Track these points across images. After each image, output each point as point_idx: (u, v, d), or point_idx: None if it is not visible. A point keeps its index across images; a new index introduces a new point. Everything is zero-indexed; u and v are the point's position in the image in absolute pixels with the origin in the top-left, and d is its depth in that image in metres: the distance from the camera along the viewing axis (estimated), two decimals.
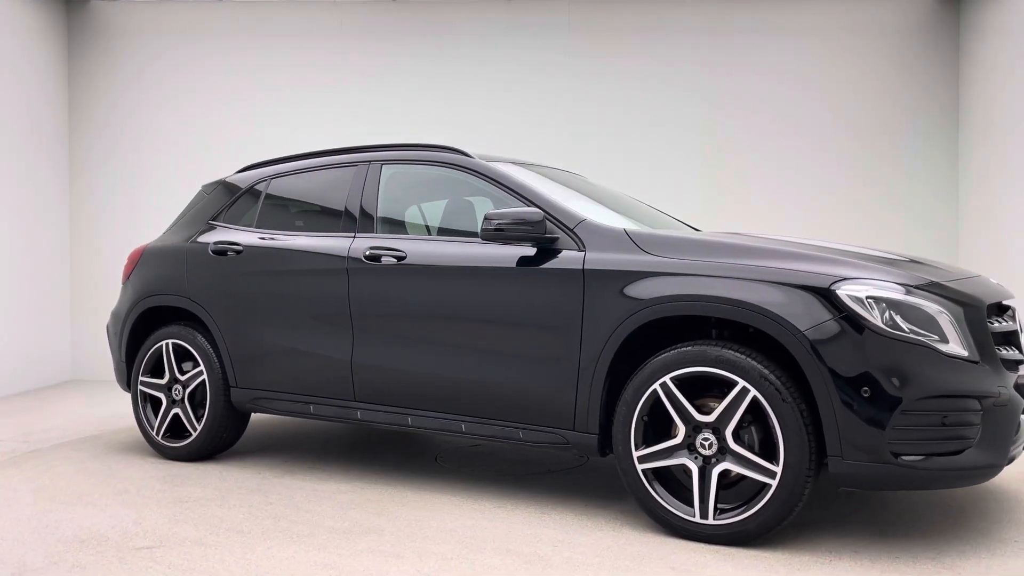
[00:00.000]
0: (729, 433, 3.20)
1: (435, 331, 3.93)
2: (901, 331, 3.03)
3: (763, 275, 3.21)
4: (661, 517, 3.35)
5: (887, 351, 3.01)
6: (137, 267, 5.06)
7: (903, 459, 2.98)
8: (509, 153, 5.21)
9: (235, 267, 4.58)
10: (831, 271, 3.15)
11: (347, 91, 8.06)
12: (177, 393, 4.77)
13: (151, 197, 8.06)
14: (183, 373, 4.76)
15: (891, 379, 2.98)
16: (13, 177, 7.39)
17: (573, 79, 7.98)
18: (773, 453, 3.12)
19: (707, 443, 3.23)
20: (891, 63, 7.85)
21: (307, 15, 8.07)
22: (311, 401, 4.33)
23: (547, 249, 3.67)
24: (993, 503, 3.83)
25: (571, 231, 3.67)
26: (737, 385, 3.17)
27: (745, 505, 3.19)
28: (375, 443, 5.21)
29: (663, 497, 3.33)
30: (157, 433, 4.81)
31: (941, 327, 3.08)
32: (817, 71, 7.91)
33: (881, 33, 7.86)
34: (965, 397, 3.05)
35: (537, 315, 3.64)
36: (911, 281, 3.17)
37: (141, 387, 4.90)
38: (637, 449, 3.37)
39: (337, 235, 4.31)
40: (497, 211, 3.68)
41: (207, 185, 5.19)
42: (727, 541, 3.22)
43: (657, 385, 3.32)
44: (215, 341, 4.63)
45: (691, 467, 3.26)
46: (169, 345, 4.79)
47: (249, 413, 4.76)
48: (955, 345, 3.08)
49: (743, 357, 3.17)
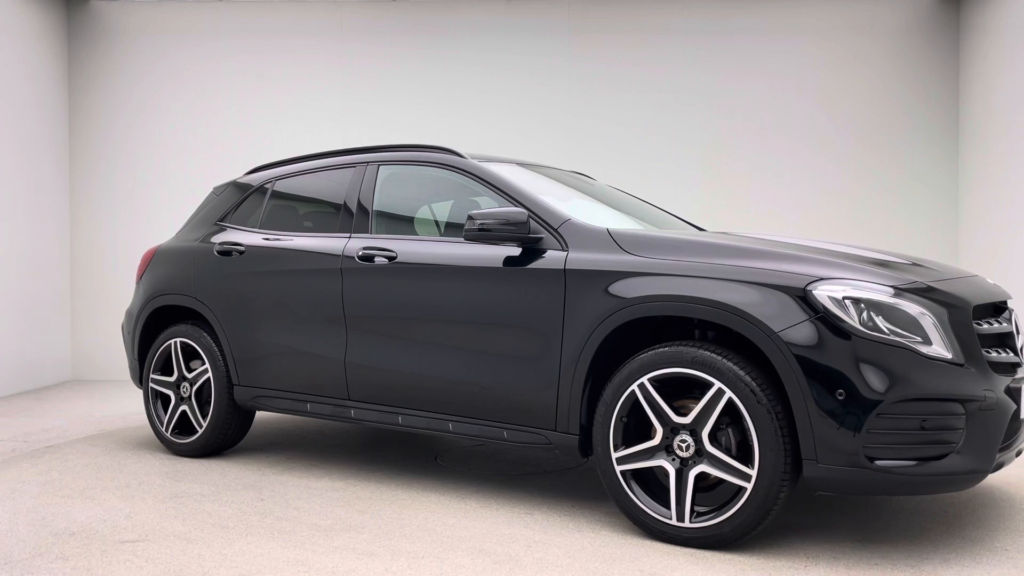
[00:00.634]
0: (705, 435, 3.16)
1: (423, 331, 3.96)
2: (880, 332, 2.96)
3: (740, 275, 3.17)
4: (639, 519, 3.32)
5: (864, 353, 2.94)
6: (149, 267, 5.18)
7: (878, 463, 2.91)
8: (508, 153, 5.22)
9: (238, 267, 4.67)
10: (808, 271, 3.10)
11: (347, 91, 8.10)
12: (185, 391, 4.87)
13: (151, 197, 8.13)
14: (191, 371, 4.86)
15: (867, 381, 2.91)
16: (13, 177, 7.40)
17: (573, 79, 8.01)
18: (749, 456, 3.07)
19: (684, 445, 3.19)
20: (891, 63, 7.85)
21: (307, 15, 8.14)
22: (308, 400, 4.39)
23: (532, 249, 3.67)
24: (993, 509, 3.72)
25: (555, 231, 3.66)
26: (713, 386, 3.13)
27: (721, 508, 3.15)
28: (378, 442, 5.26)
29: (641, 499, 3.30)
30: (166, 429, 4.92)
31: (924, 328, 3.00)
32: (817, 71, 7.94)
33: (881, 33, 7.86)
34: (947, 400, 2.97)
35: (520, 315, 3.63)
36: (893, 282, 3.09)
37: (152, 384, 5.02)
38: (616, 450, 3.35)
39: (334, 236, 4.37)
40: (480, 211, 3.69)
41: (218, 187, 5.29)
42: (703, 544, 3.18)
43: (635, 386, 3.29)
44: (219, 340, 4.72)
45: (668, 469, 3.23)
46: (177, 344, 4.90)
47: (253, 411, 4.84)
48: (938, 347, 2.99)
49: (719, 358, 3.12)
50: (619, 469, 3.34)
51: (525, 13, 8.00)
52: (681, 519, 3.20)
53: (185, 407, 4.86)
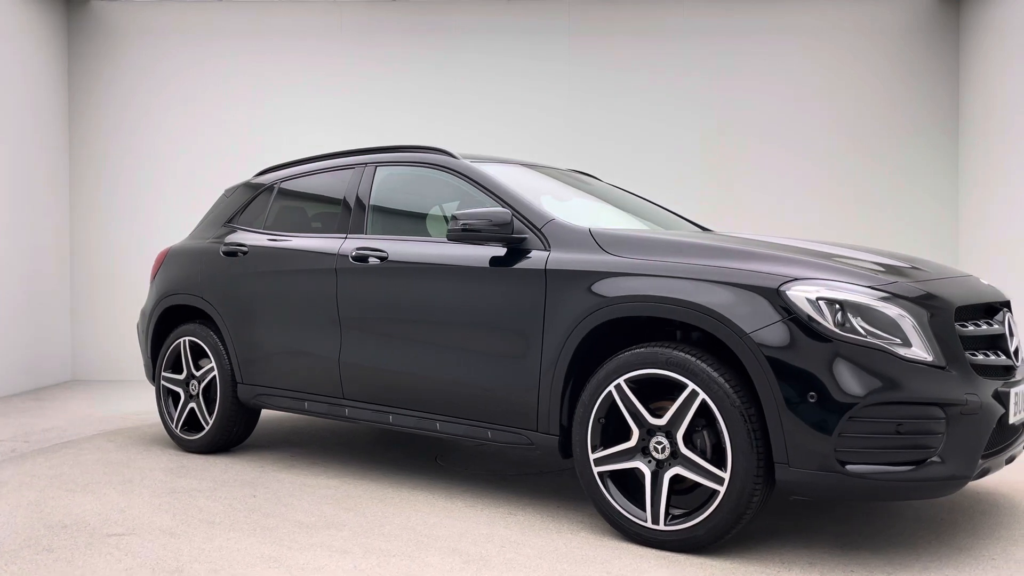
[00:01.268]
0: (680, 437, 3.12)
1: (413, 330, 3.99)
2: (856, 334, 2.90)
3: (715, 275, 3.13)
4: (615, 521, 3.30)
5: (836, 354, 2.87)
6: (162, 267, 5.30)
7: (849, 468, 2.84)
8: (508, 153, 5.23)
9: (241, 268, 4.75)
10: (782, 271, 3.04)
11: (347, 91, 8.14)
12: (193, 389, 4.97)
13: (151, 197, 8.17)
14: (198, 369, 4.97)
15: (839, 384, 2.84)
16: (13, 177, 7.39)
17: (573, 79, 8.00)
18: (723, 459, 3.03)
19: (660, 447, 3.16)
20: (891, 63, 7.81)
21: (307, 15, 8.17)
22: (306, 398, 4.45)
23: (516, 249, 3.67)
24: (992, 517, 3.60)
25: (539, 231, 3.65)
26: (687, 388, 3.09)
27: (696, 511, 3.11)
28: (382, 442, 5.29)
29: (617, 501, 3.28)
30: (176, 426, 5.03)
31: (903, 330, 2.92)
32: (817, 71, 7.92)
33: (881, 33, 7.81)
34: (926, 404, 2.89)
35: (503, 315, 3.64)
36: (870, 282, 3.02)
37: (163, 382, 5.13)
38: (594, 451, 3.33)
39: (331, 236, 4.42)
40: (464, 211, 3.70)
41: (229, 188, 5.39)
42: (678, 547, 3.14)
43: (612, 387, 3.27)
44: (224, 339, 4.81)
45: (644, 471, 3.20)
46: (186, 342, 5.01)
47: (258, 409, 4.92)
48: (918, 349, 2.91)
49: (693, 359, 3.09)
50: (596, 470, 3.32)
51: (525, 14, 8.01)
52: (656, 521, 3.16)
53: (193, 404, 4.96)
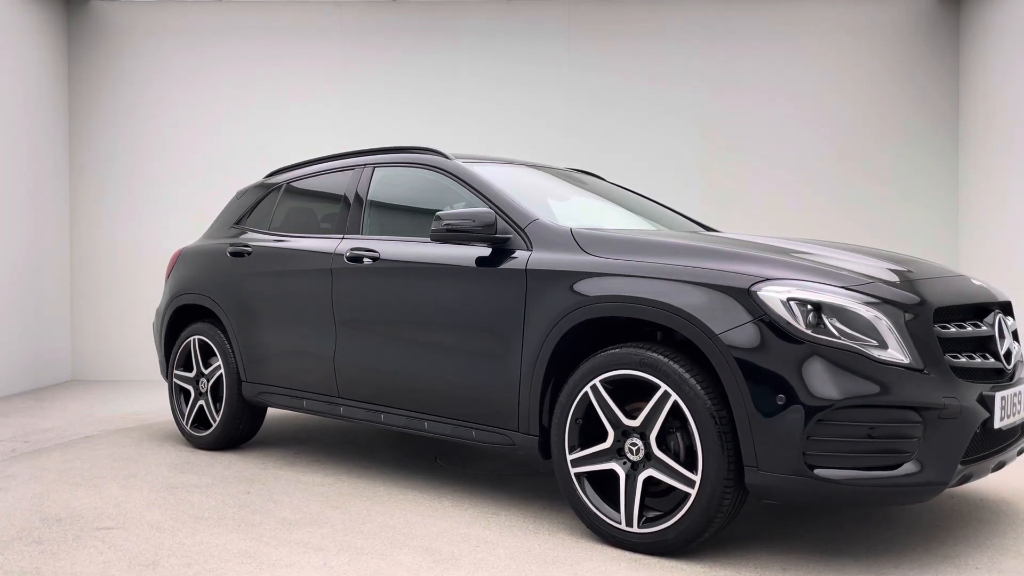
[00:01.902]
0: (653, 439, 3.09)
1: (402, 330, 4.02)
2: (828, 335, 2.83)
3: (688, 275, 3.08)
4: (591, 522, 3.27)
5: (807, 356, 2.81)
6: (175, 268, 5.41)
7: (818, 472, 2.78)
8: (507, 154, 5.22)
9: (246, 268, 4.83)
10: (754, 271, 2.99)
11: (346, 91, 8.16)
12: (202, 386, 5.08)
13: (151, 197, 8.22)
14: (207, 367, 5.07)
15: (808, 386, 2.78)
16: (13, 177, 7.40)
17: (573, 79, 7.99)
18: (695, 461, 2.99)
19: (635, 448, 3.13)
20: (891, 64, 7.76)
21: (307, 15, 8.21)
22: (304, 397, 4.51)
23: (501, 249, 3.66)
24: (986, 524, 3.49)
25: (522, 231, 3.65)
26: (660, 389, 3.06)
27: (669, 514, 3.07)
28: (388, 441, 5.33)
29: (593, 502, 3.26)
30: (186, 423, 5.14)
31: (879, 331, 2.84)
32: (817, 72, 7.89)
33: (881, 33, 7.75)
34: (901, 408, 2.81)
35: (487, 315, 3.64)
36: (844, 282, 2.94)
37: (175, 380, 5.25)
38: (571, 452, 3.31)
39: (329, 237, 4.48)
40: (448, 211, 3.71)
41: (240, 190, 5.49)
42: (651, 550, 3.11)
43: (588, 388, 3.25)
44: (229, 338, 4.90)
45: (619, 472, 3.17)
46: (196, 341, 5.11)
47: (264, 407, 4.99)
48: (894, 351, 2.83)
49: (665, 360, 3.05)
50: (573, 471, 3.30)
51: (525, 13, 8.01)
52: (630, 523, 3.13)
53: (202, 402, 5.06)
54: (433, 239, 3.78)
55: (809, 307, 2.87)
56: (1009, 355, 3.22)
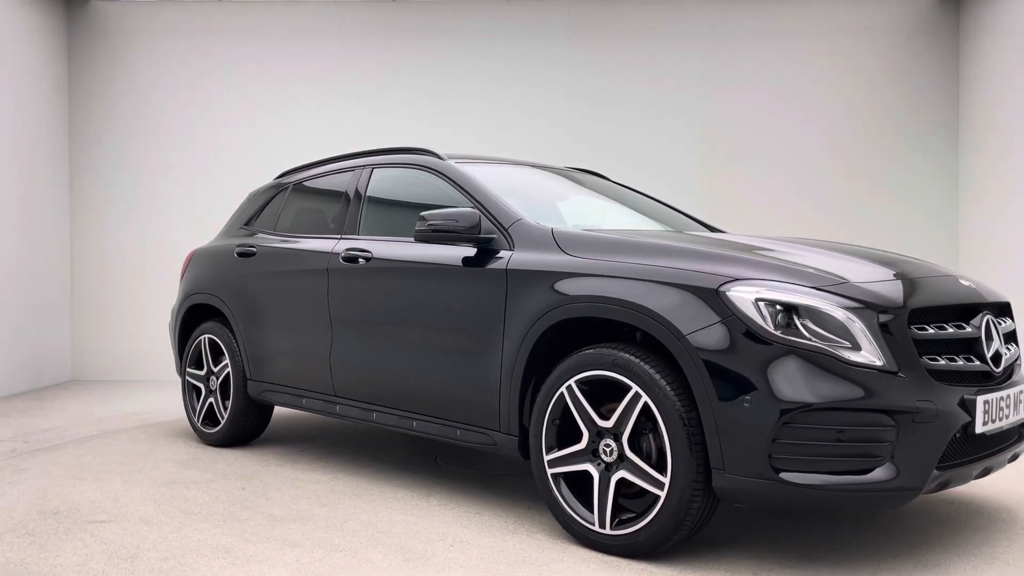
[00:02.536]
0: (625, 440, 3.06)
1: (392, 330, 4.05)
2: (800, 336, 2.77)
3: (659, 276, 3.05)
4: (567, 524, 3.26)
5: (774, 357, 2.76)
6: (188, 268, 5.53)
7: (784, 476, 2.73)
8: (507, 153, 5.22)
9: (250, 268, 4.92)
10: (723, 271, 2.94)
11: (346, 92, 8.18)
12: (212, 384, 5.17)
13: (151, 197, 8.27)
14: (216, 365, 5.16)
15: (773, 388, 2.73)
16: (13, 177, 7.40)
17: (573, 79, 7.97)
18: (666, 463, 2.95)
19: (609, 450, 3.11)
20: (891, 64, 7.70)
21: (307, 15, 8.23)
22: (304, 395, 4.57)
23: (485, 249, 3.67)
24: (979, 532, 3.38)
25: (506, 231, 3.65)
26: (631, 390, 3.03)
27: (640, 516, 3.04)
28: (393, 440, 5.36)
29: (570, 503, 3.24)
30: (198, 420, 5.25)
31: (851, 333, 2.78)
32: (817, 71, 7.84)
33: (881, 34, 7.69)
34: (872, 411, 2.74)
35: (470, 315, 3.65)
36: (816, 283, 2.88)
37: (188, 377, 5.36)
38: (548, 453, 3.30)
39: (328, 237, 4.53)
40: (432, 211, 3.72)
41: (253, 191, 5.58)
42: (622, 552, 3.08)
43: (564, 388, 3.24)
44: (236, 337, 4.99)
45: (593, 473, 3.15)
46: (206, 340, 5.21)
47: (270, 405, 5.07)
48: (867, 353, 2.77)
49: (637, 361, 3.02)
50: (550, 472, 3.29)
51: (525, 13, 7.99)
52: (603, 525, 3.11)
53: (212, 399, 5.16)
54: (417, 239, 3.80)
55: (778, 307, 2.81)
56: (998, 357, 3.12)
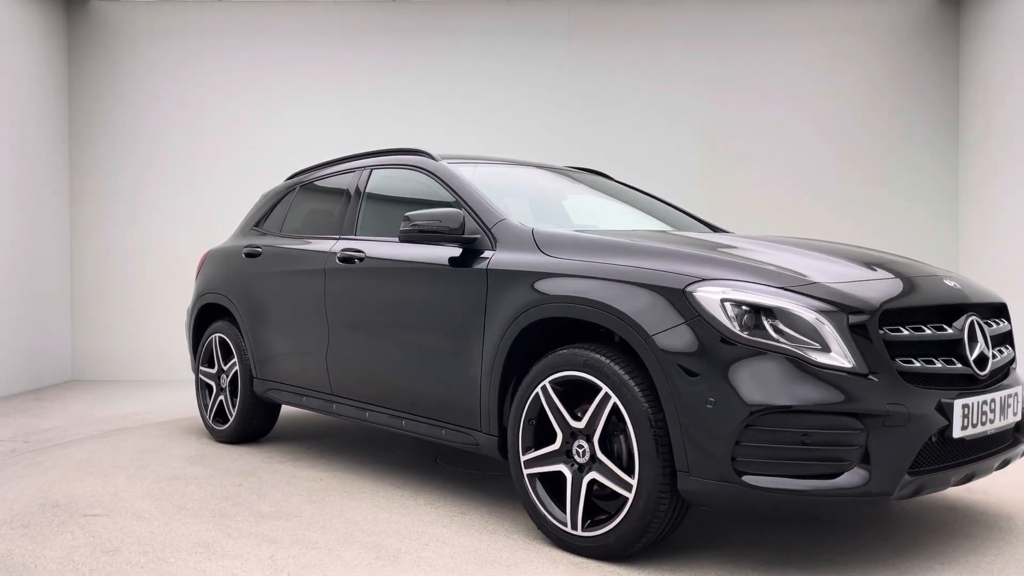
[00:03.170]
0: (596, 441, 3.04)
1: (384, 329, 4.08)
2: (767, 337, 2.73)
3: (628, 276, 3.03)
4: (541, 524, 3.25)
5: (739, 359, 2.72)
6: (202, 268, 5.64)
7: (747, 479, 2.68)
8: (507, 153, 5.22)
9: (256, 268, 5.00)
10: (690, 271, 2.90)
11: (346, 92, 8.21)
12: (222, 382, 5.28)
13: (151, 197, 8.34)
14: (227, 364, 5.26)
15: (737, 390, 2.69)
16: (13, 177, 7.44)
17: (573, 80, 7.95)
18: (634, 465, 2.93)
19: (581, 451, 3.09)
20: (891, 64, 7.66)
21: (307, 15, 8.27)
22: (304, 393, 4.63)
23: (470, 249, 3.68)
24: (972, 540, 3.28)
25: (489, 231, 3.65)
26: (601, 391, 3.01)
27: (610, 518, 3.02)
28: (397, 440, 5.40)
29: (544, 504, 3.23)
30: (209, 417, 5.35)
31: (820, 334, 2.72)
32: (817, 71, 7.81)
33: (881, 34, 7.64)
34: (840, 414, 2.68)
35: (453, 314, 3.66)
36: (784, 283, 2.83)
37: (200, 375, 5.47)
38: (525, 453, 3.30)
39: (327, 238, 4.59)
40: (417, 212, 3.74)
41: (265, 192, 5.67)
42: (593, 554, 3.07)
43: (539, 388, 3.23)
44: (243, 336, 5.08)
45: (566, 474, 3.14)
46: (216, 339, 5.32)
47: (277, 404, 5.14)
48: (836, 355, 2.71)
49: (607, 362, 3.00)
50: (526, 472, 3.29)
51: (525, 13, 7.98)
52: (575, 526, 3.10)
53: (222, 397, 5.26)
54: (401, 239, 3.83)
55: (744, 308, 2.77)
56: (983, 360, 3.02)
